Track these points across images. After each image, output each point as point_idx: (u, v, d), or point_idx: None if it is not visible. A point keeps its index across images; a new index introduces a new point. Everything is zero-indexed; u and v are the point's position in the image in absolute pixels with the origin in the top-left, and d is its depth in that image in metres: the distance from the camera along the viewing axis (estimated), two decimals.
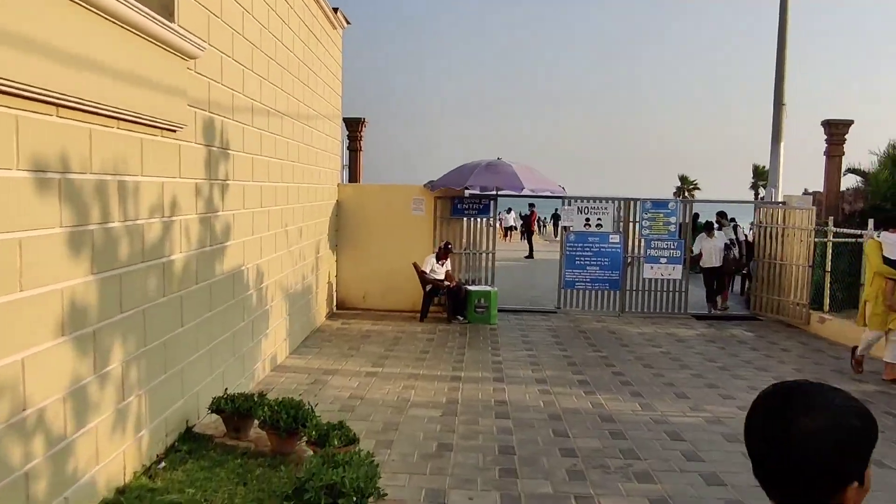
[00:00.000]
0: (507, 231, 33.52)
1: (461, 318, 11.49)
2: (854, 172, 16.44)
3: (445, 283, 11.48)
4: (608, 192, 13.66)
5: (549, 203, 25.06)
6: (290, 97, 8.83)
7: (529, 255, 24.02)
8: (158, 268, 4.85)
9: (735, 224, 13.15)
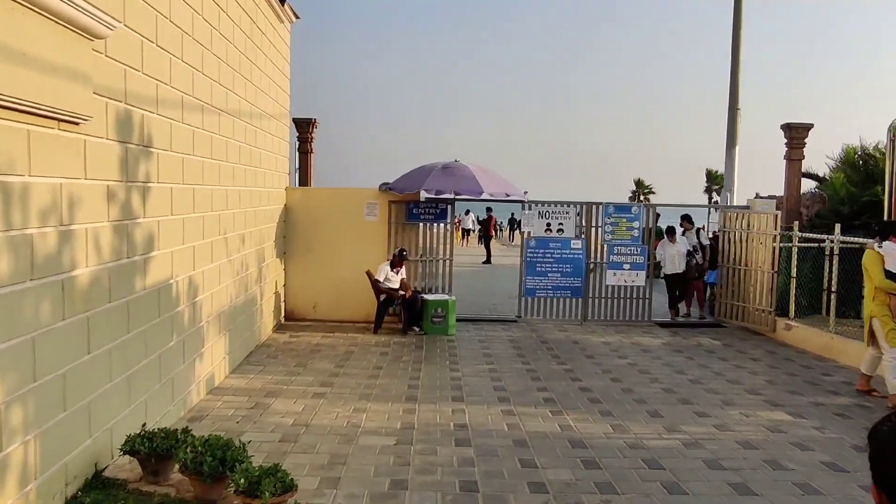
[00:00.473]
0: (465, 234, 32.94)
1: (417, 329, 10.85)
2: (809, 177, 16.39)
3: (400, 293, 10.82)
4: (565, 198, 13.31)
5: (506, 207, 24.62)
6: (230, 92, 8.07)
7: (487, 261, 23.51)
8: (54, 286, 4.07)
9: (699, 229, 12.82)
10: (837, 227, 10.22)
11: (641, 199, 42.07)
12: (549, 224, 12.09)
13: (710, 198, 39.83)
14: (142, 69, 5.34)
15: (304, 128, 15.20)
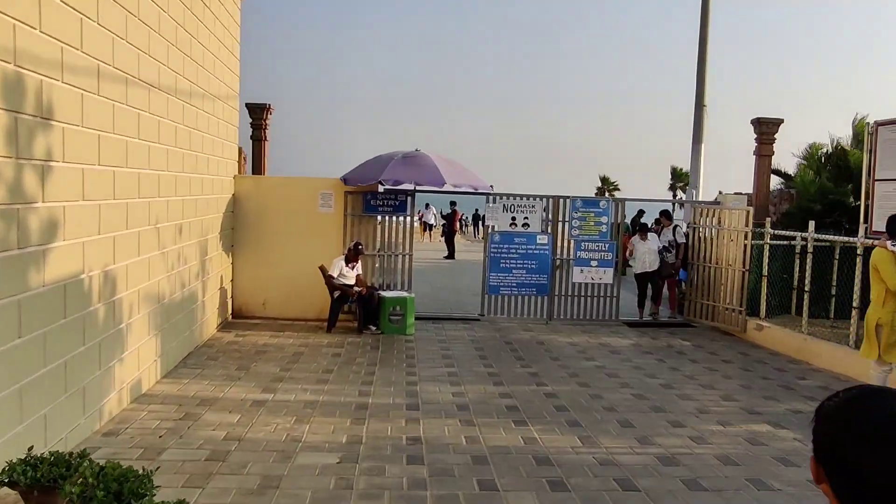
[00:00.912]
0: (427, 228, 32.09)
1: (374, 328, 10.16)
2: (776, 174, 16.14)
3: (356, 289, 10.12)
4: (531, 192, 12.82)
5: (470, 201, 23.98)
6: (164, 66, 7.26)
7: (450, 256, 22.88)
8: None
9: (676, 225, 12.35)
10: (811, 224, 9.84)
11: (606, 196, 41.96)
12: (515, 218, 11.49)
13: (675, 195, 39.88)
14: (39, 27, 4.55)
15: (258, 113, 14.31)
